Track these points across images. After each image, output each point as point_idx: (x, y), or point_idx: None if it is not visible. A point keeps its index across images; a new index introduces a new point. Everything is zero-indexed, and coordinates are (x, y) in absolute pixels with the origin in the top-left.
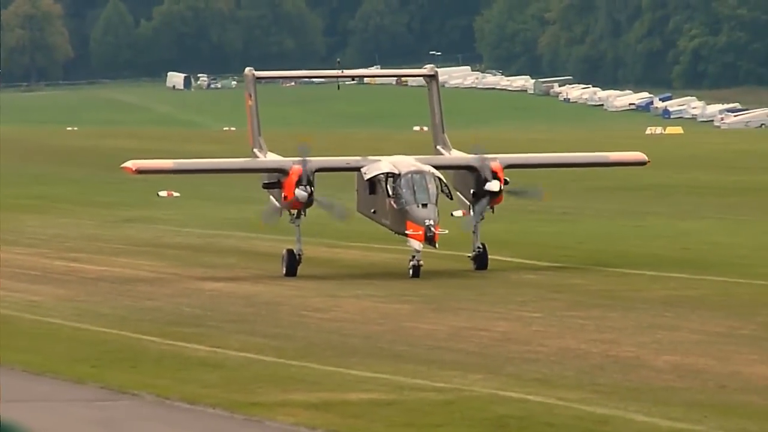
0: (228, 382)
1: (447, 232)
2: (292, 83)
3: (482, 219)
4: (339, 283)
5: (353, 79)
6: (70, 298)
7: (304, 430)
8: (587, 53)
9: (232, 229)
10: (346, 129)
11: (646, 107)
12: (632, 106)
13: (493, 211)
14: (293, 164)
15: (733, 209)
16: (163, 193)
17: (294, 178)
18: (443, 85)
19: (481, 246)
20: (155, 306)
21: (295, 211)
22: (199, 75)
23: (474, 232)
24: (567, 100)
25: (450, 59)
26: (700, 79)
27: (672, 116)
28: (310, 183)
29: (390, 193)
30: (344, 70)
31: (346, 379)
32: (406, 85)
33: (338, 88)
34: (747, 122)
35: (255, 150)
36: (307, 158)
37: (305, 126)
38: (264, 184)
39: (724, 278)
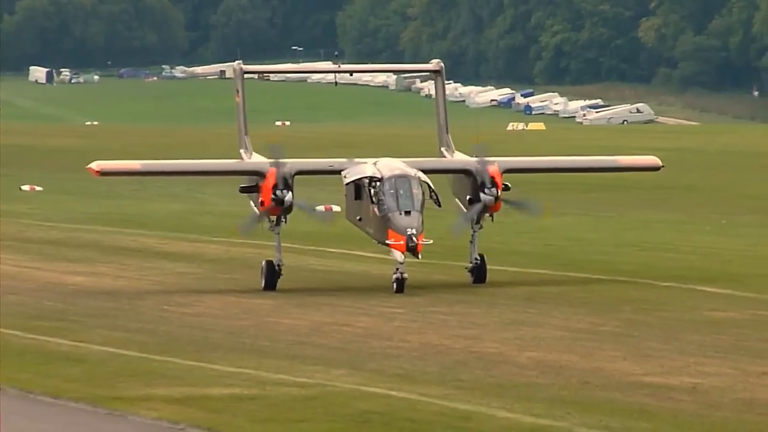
0: (90, 377)
1: (431, 242)
2: (154, 78)
3: (480, 228)
4: (201, 278)
5: (350, 75)
6: None
7: (166, 425)
8: (449, 49)
9: (94, 224)
10: (207, 124)
11: (508, 103)
12: (494, 102)
13: (492, 219)
14: (270, 166)
15: (594, 205)
16: (25, 188)
17: (271, 181)
18: (304, 81)
19: (479, 257)
20: (18, 300)
21: (274, 218)
22: (61, 69)
23: (471, 242)
24: (429, 96)
25: (312, 54)
26: (563, 75)
27: (534, 112)
28: (288, 187)
29: (373, 198)
30: (341, 65)
31: (208, 374)
32: (268, 79)
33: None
34: (609, 118)
35: (241, 151)
36: (282, 160)
37: (165, 121)
38: (241, 188)
39: (586, 274)
